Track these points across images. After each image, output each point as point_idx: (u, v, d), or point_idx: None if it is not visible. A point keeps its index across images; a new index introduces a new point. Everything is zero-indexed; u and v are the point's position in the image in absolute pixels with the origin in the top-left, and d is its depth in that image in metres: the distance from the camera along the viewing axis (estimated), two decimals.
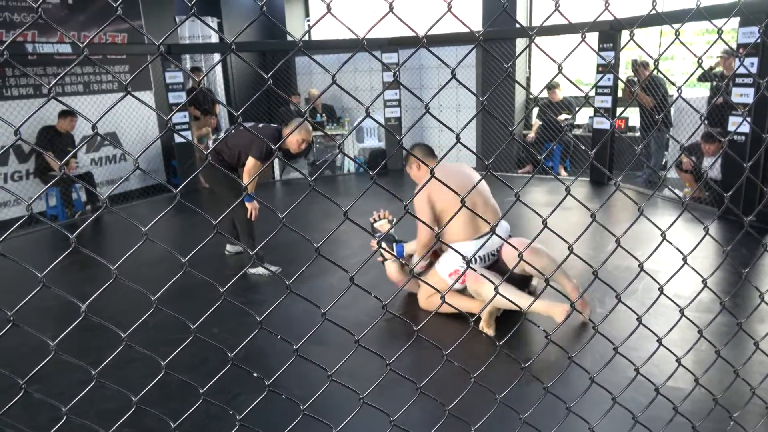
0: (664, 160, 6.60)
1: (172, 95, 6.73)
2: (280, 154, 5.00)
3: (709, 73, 5.80)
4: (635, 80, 6.45)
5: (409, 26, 1.03)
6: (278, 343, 2.85)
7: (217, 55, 7.95)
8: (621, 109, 6.40)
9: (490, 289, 2.85)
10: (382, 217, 3.53)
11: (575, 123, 7.77)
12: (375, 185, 0.98)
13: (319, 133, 7.58)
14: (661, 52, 1.79)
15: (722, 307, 1.51)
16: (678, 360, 1.47)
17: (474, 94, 1.20)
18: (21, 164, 5.99)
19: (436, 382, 1.26)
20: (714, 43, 1.43)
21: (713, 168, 5.22)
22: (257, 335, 1.09)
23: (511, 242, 3.00)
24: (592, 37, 6.22)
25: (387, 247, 3.37)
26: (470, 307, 3.07)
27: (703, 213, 5.01)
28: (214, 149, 3.95)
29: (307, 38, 7.92)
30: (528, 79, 8.08)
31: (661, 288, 1.37)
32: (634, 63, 6.43)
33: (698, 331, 1.47)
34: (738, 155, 4.58)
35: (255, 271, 3.95)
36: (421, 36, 0.97)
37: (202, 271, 0.99)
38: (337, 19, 0.91)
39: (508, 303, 2.67)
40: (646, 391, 1.83)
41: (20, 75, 5.88)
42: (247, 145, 3.84)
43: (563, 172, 7.32)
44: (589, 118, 7.14)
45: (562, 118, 7.11)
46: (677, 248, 1.38)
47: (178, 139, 6.86)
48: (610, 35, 6.07)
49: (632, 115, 7.26)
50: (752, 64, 4.52)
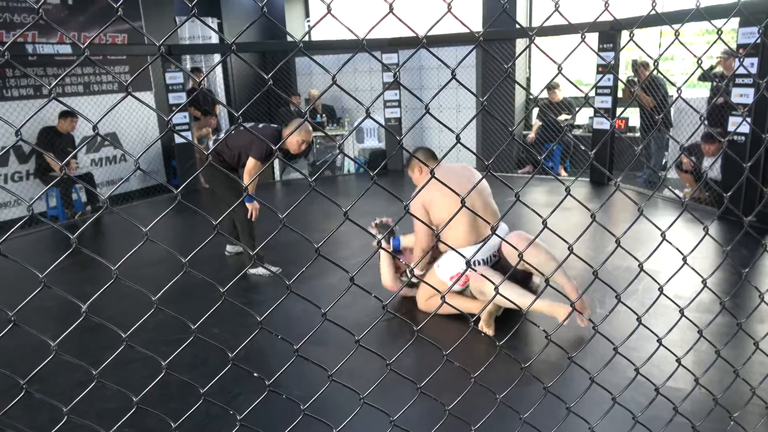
0: (664, 161, 6.60)
1: (172, 96, 6.74)
2: (280, 154, 5.00)
3: (708, 73, 5.81)
4: (635, 80, 6.46)
5: (409, 27, 1.03)
6: (278, 343, 2.85)
7: (217, 56, 7.95)
8: (621, 109, 6.41)
9: (498, 284, 2.85)
10: (383, 224, 3.54)
11: (575, 123, 7.77)
12: (375, 186, 0.98)
13: (320, 133, 7.59)
14: (661, 53, 1.79)
15: (722, 307, 1.51)
16: (678, 360, 1.47)
17: (474, 95, 1.20)
18: (21, 165, 5.99)
19: (437, 382, 1.26)
20: (714, 44, 1.43)
21: (713, 168, 5.22)
22: (257, 335, 1.09)
23: (511, 236, 3.02)
24: (592, 37, 6.22)
25: (384, 240, 3.37)
26: (469, 307, 3.08)
27: (703, 213, 5.01)
28: (214, 150, 3.97)
29: (307, 39, 7.92)
30: (528, 80, 8.08)
31: (661, 288, 1.37)
32: (634, 63, 6.44)
33: (698, 332, 1.48)
34: (738, 155, 4.58)
35: (255, 271, 3.95)
36: (421, 36, 0.97)
37: (202, 271, 0.99)
38: (337, 19, 0.92)
39: (513, 300, 2.67)
40: (646, 391, 1.83)
41: (20, 76, 5.88)
42: (248, 145, 3.84)
43: (563, 173, 7.32)
44: (589, 118, 7.14)
45: (562, 118, 7.11)
46: (677, 248, 1.38)
47: (178, 140, 6.87)
48: (610, 35, 6.07)
49: (632, 115, 7.26)
50: (752, 64, 4.53)
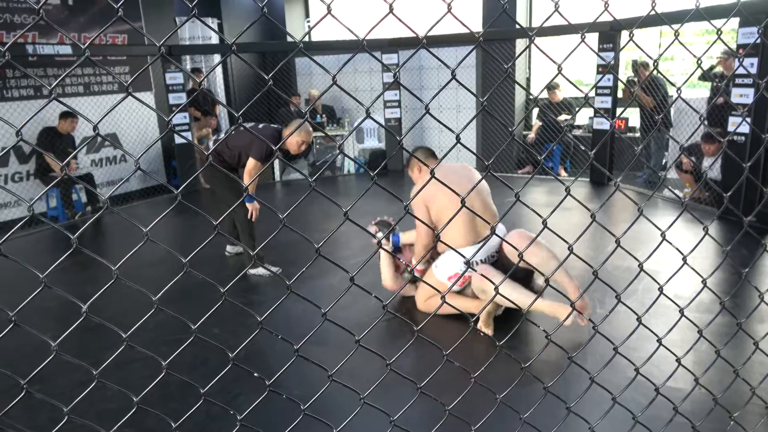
0: (664, 161, 6.61)
1: (172, 96, 6.74)
2: (280, 154, 5.00)
3: (708, 73, 5.81)
4: (635, 81, 6.46)
5: (409, 27, 1.03)
6: (278, 343, 2.85)
7: (217, 56, 7.95)
8: (621, 109, 6.41)
9: (498, 284, 2.84)
10: (383, 222, 3.54)
11: (575, 123, 7.77)
12: (375, 186, 0.98)
13: (320, 133, 7.59)
14: (661, 53, 1.79)
15: (722, 307, 1.51)
16: (678, 360, 1.47)
17: (474, 95, 1.20)
18: (21, 165, 5.99)
19: (437, 382, 1.26)
20: (713, 44, 1.43)
21: (713, 168, 5.22)
22: (258, 335, 1.09)
23: (512, 234, 3.01)
24: (592, 37, 6.22)
25: (383, 236, 3.37)
26: (469, 307, 3.08)
27: (703, 213, 5.01)
28: (214, 150, 3.97)
29: (308, 39, 7.93)
30: (528, 80, 8.09)
31: (661, 288, 1.37)
32: (634, 63, 6.44)
33: (698, 332, 1.48)
34: (738, 156, 4.58)
35: (255, 271, 3.95)
36: (421, 37, 0.97)
37: (202, 271, 0.99)
38: (337, 20, 0.92)
39: (513, 300, 2.67)
40: (646, 391, 1.83)
41: (20, 76, 5.89)
42: (248, 145, 3.84)
43: (563, 173, 7.32)
44: (589, 118, 7.14)
45: (562, 118, 7.12)
46: (677, 248, 1.38)
47: (178, 140, 6.87)
48: (609, 36, 6.08)
49: (632, 115, 7.27)
50: (752, 64, 4.53)
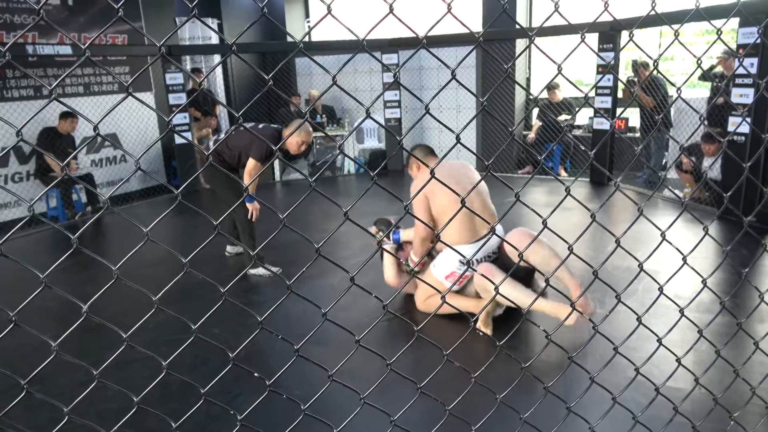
0: (664, 161, 6.61)
1: (172, 96, 6.74)
2: (280, 154, 5.00)
3: (708, 73, 5.81)
4: (635, 81, 6.46)
5: (410, 27, 1.03)
6: (279, 343, 2.85)
7: (217, 57, 7.95)
8: (621, 109, 6.41)
9: (499, 283, 2.84)
10: (384, 221, 3.54)
11: (575, 123, 7.77)
12: (375, 186, 0.98)
13: (320, 134, 7.59)
14: (661, 53, 1.79)
15: (722, 307, 1.51)
16: (678, 360, 1.47)
17: (474, 95, 1.20)
18: (21, 165, 6.00)
19: (437, 382, 1.26)
20: (713, 44, 1.43)
21: (713, 168, 5.22)
22: (258, 335, 1.09)
23: (513, 232, 3.00)
24: (592, 37, 6.22)
25: (383, 233, 3.37)
26: (468, 306, 3.08)
27: (703, 213, 5.01)
28: (214, 150, 3.97)
29: (308, 39, 7.93)
30: (528, 80, 8.09)
31: (661, 288, 1.37)
32: (634, 63, 6.44)
33: (698, 331, 1.48)
34: (738, 156, 4.58)
35: (255, 271, 3.95)
36: (421, 37, 0.97)
37: (202, 271, 0.99)
38: (337, 20, 0.92)
39: (513, 299, 2.66)
40: (646, 391, 1.83)
41: (20, 77, 5.89)
42: (248, 145, 3.84)
43: (563, 173, 7.32)
44: (589, 118, 7.14)
45: (562, 118, 7.12)
46: (677, 248, 1.38)
47: (178, 140, 6.87)
48: (609, 36, 6.08)
49: (632, 115, 7.27)
50: (752, 64, 4.53)
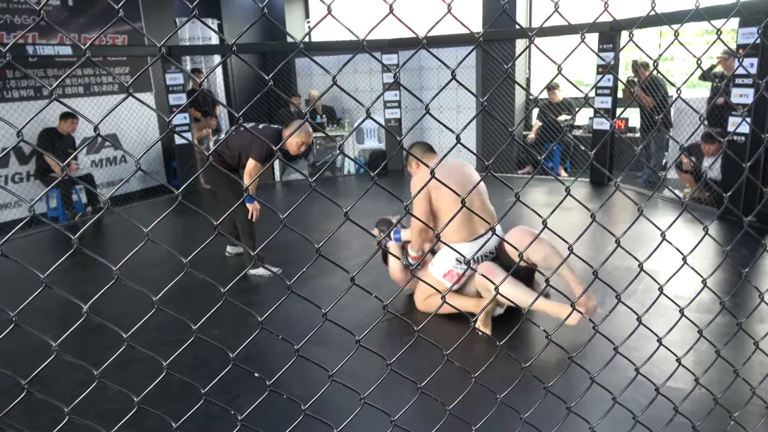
0: (664, 161, 6.61)
1: (172, 97, 6.74)
2: (280, 155, 5.00)
3: (708, 73, 5.81)
4: (635, 81, 6.46)
5: (410, 27, 1.03)
6: (279, 343, 2.85)
7: (217, 57, 7.95)
8: (621, 109, 6.41)
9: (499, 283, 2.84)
10: (385, 221, 3.55)
11: (575, 124, 7.77)
12: (376, 186, 0.98)
13: (320, 134, 7.59)
14: (661, 53, 1.79)
15: (722, 307, 1.51)
16: (678, 360, 1.47)
17: (474, 95, 1.20)
18: (22, 166, 6.00)
19: (437, 382, 1.27)
20: (713, 44, 1.43)
21: (713, 168, 5.22)
22: (258, 336, 1.09)
23: (514, 231, 3.00)
24: (592, 37, 6.22)
25: (384, 232, 3.38)
26: (468, 306, 3.08)
27: (703, 213, 5.01)
28: (215, 150, 3.97)
29: (308, 40, 7.93)
30: (528, 80, 8.09)
31: (661, 288, 1.37)
32: (634, 63, 6.44)
33: (698, 331, 1.48)
34: (738, 156, 4.58)
35: (256, 272, 3.95)
36: (421, 37, 0.97)
37: (202, 272, 0.99)
38: (337, 20, 0.92)
39: (513, 299, 2.66)
40: (646, 391, 1.83)
41: (20, 77, 5.89)
42: (248, 146, 3.83)
43: (563, 173, 7.32)
44: (589, 118, 7.14)
45: (562, 118, 7.12)
46: (677, 248, 1.38)
47: (178, 141, 6.87)
48: (609, 36, 6.08)
49: (632, 115, 7.27)
50: (752, 64, 4.53)
